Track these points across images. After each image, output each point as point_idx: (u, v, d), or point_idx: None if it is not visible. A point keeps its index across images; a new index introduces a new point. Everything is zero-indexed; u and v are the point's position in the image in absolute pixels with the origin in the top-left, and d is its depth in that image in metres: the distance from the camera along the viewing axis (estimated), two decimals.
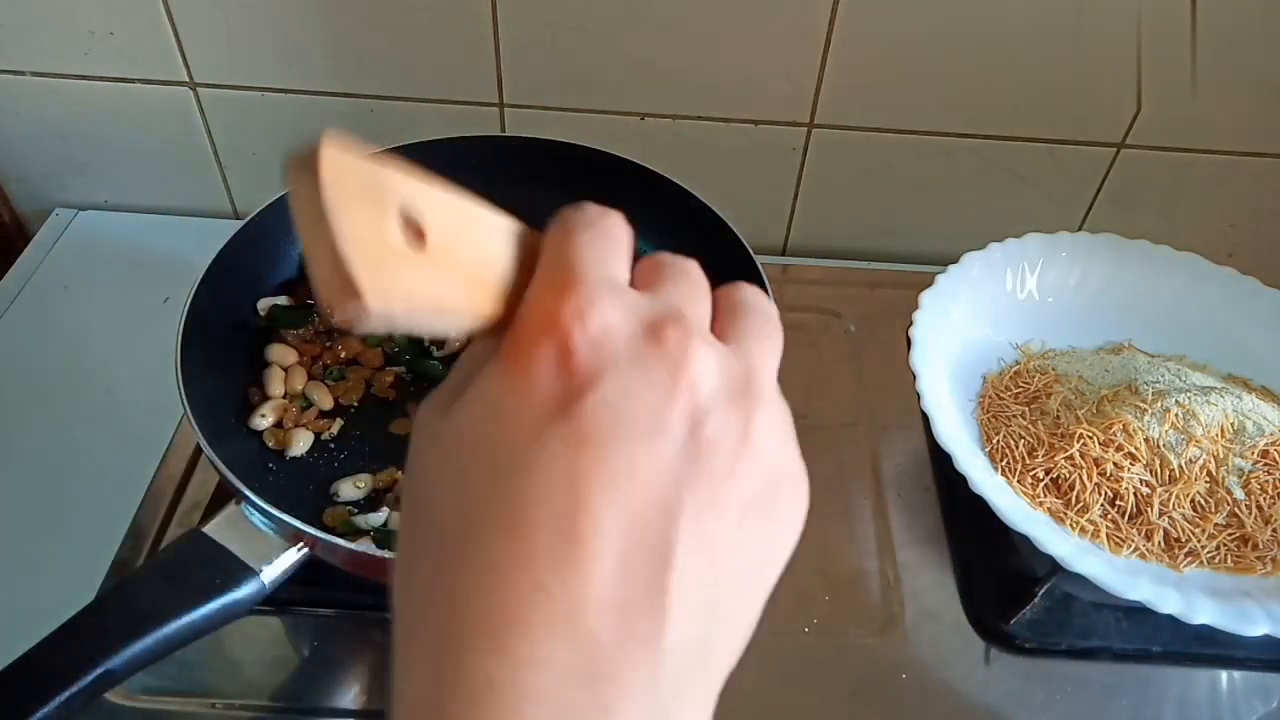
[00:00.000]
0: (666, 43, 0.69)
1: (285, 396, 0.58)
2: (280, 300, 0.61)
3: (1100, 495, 0.56)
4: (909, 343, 0.60)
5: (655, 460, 0.20)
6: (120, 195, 0.81)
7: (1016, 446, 0.59)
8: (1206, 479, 0.56)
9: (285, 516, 0.44)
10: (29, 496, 0.59)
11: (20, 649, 0.38)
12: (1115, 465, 0.56)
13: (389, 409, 0.59)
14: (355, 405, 0.59)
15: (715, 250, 0.60)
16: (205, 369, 0.51)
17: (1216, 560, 0.54)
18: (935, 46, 0.69)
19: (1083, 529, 0.55)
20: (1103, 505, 0.56)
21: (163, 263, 0.75)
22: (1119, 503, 0.55)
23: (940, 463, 0.62)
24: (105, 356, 0.68)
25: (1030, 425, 0.60)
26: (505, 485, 0.20)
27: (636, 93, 0.73)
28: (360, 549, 0.45)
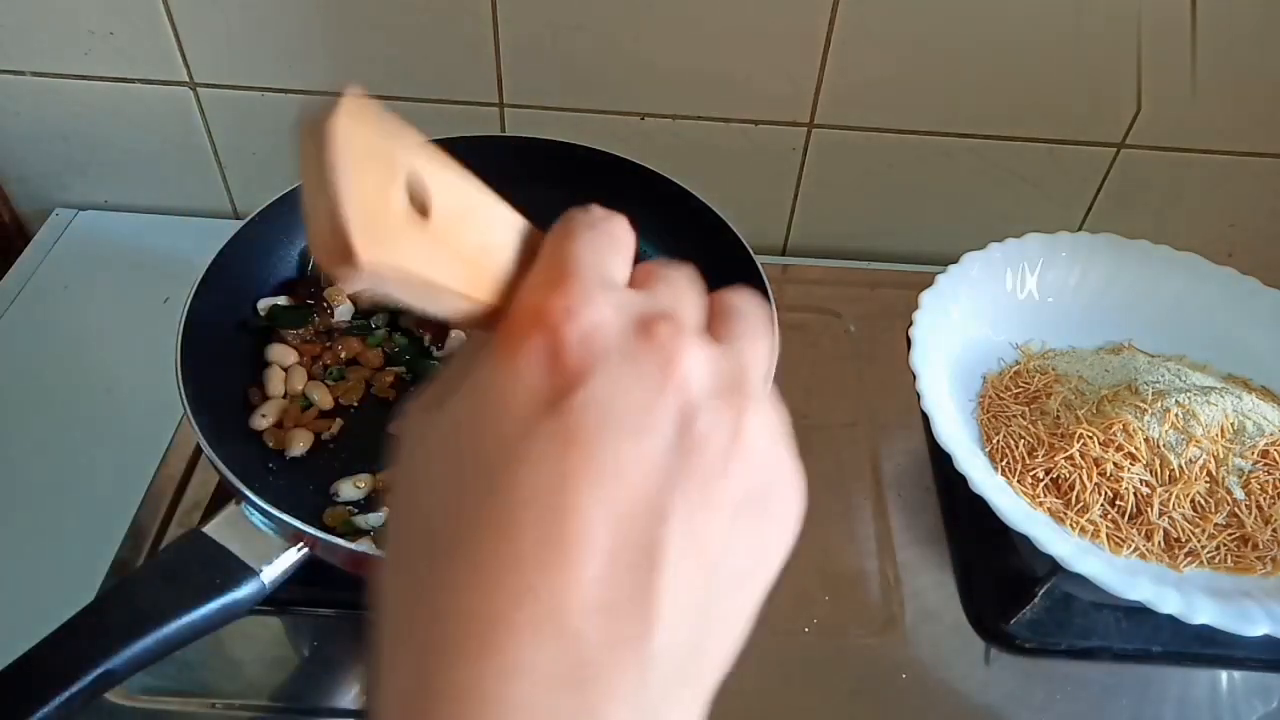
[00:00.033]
0: (666, 43, 0.69)
1: (285, 396, 0.58)
2: (280, 300, 0.61)
3: (1100, 495, 0.56)
4: (909, 343, 0.60)
5: (644, 458, 0.20)
6: (120, 195, 0.81)
7: (1016, 446, 0.59)
8: (1206, 479, 0.56)
9: (285, 516, 0.44)
10: (29, 497, 0.59)
11: (20, 649, 0.38)
12: (1115, 465, 0.56)
13: (389, 409, 0.59)
14: (355, 405, 0.59)
15: (715, 250, 0.60)
16: (205, 369, 0.51)
17: (1216, 560, 0.54)
18: (935, 46, 0.69)
19: (1083, 529, 0.55)
20: (1103, 505, 0.56)
21: (163, 263, 0.75)
22: (1119, 503, 0.55)
23: (940, 463, 0.62)
24: (105, 356, 0.68)
25: (1030, 425, 0.60)
26: (493, 483, 0.20)
27: (636, 93, 0.73)
28: (360, 549, 0.45)
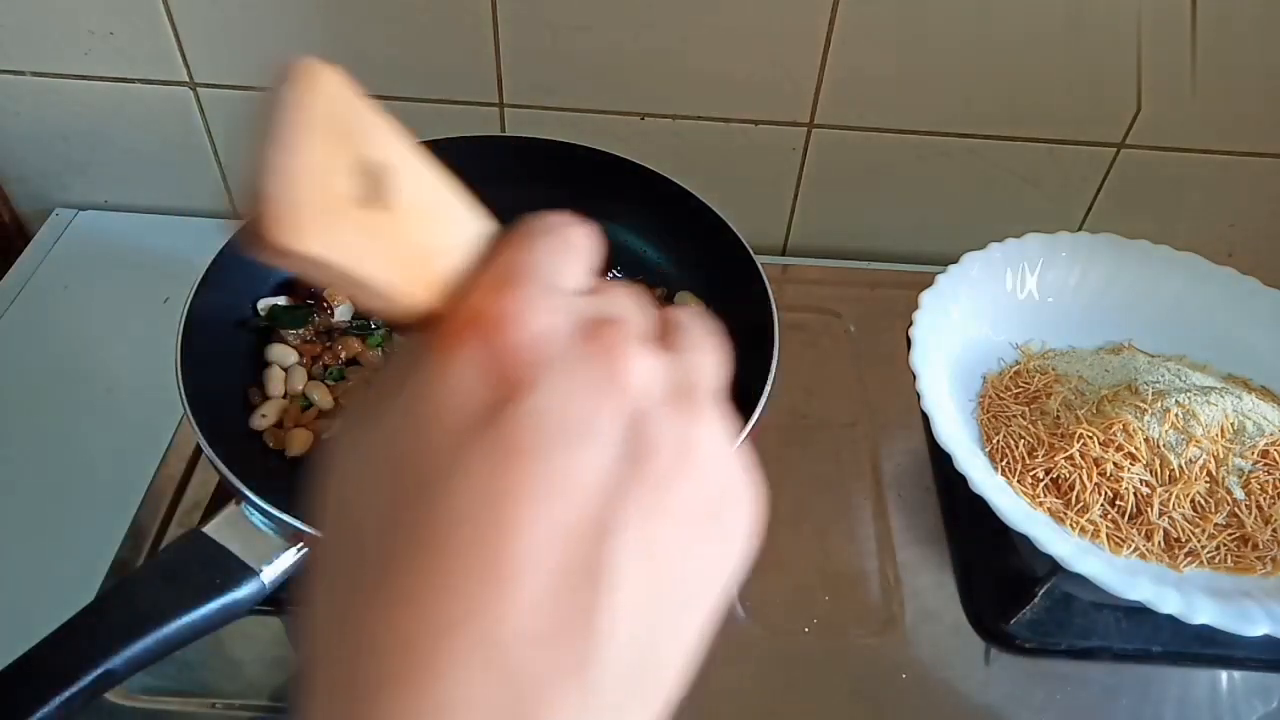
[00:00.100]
0: (666, 43, 0.69)
1: (285, 396, 0.58)
2: (280, 300, 0.61)
3: (1100, 495, 0.56)
4: (909, 343, 0.60)
5: (590, 468, 0.18)
6: (120, 195, 0.81)
7: (1016, 446, 0.59)
8: (1206, 479, 0.56)
9: (285, 516, 0.44)
10: (29, 497, 0.59)
11: (20, 649, 0.38)
12: (1115, 465, 0.56)
13: None
14: None
15: (715, 250, 0.60)
16: (205, 369, 0.51)
17: (1216, 560, 0.54)
18: (935, 46, 0.69)
19: (1083, 529, 0.55)
20: (1103, 505, 0.56)
21: (163, 263, 0.75)
22: (1119, 503, 0.55)
23: (940, 463, 0.62)
24: (105, 356, 0.68)
25: (1030, 425, 0.60)
26: (426, 500, 0.18)
27: (636, 93, 0.73)
28: None
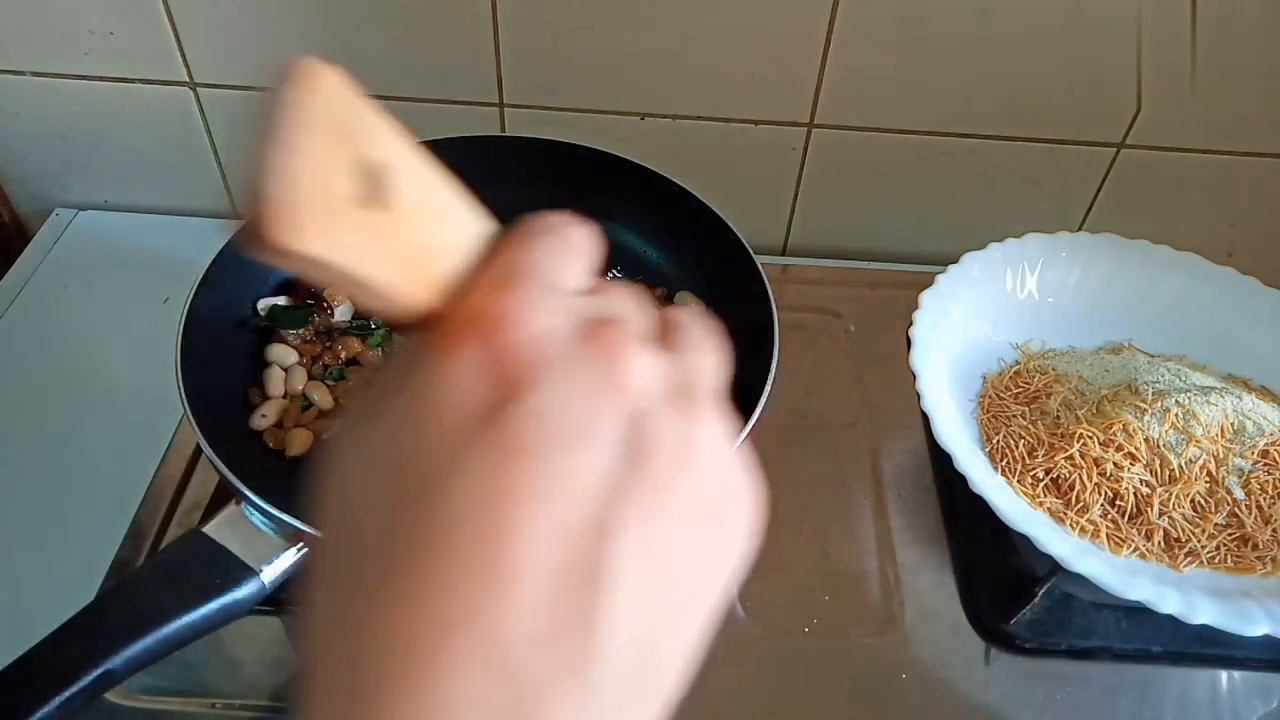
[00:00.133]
0: (666, 43, 0.69)
1: (285, 396, 0.58)
2: (280, 300, 0.61)
3: (1100, 495, 0.56)
4: (909, 343, 0.60)
5: (590, 468, 0.18)
6: (120, 195, 0.81)
7: (1016, 446, 0.59)
8: (1206, 479, 0.56)
9: (285, 516, 0.44)
10: (29, 497, 0.59)
11: (20, 649, 0.38)
12: (1115, 465, 0.56)
13: None
14: None
15: (715, 250, 0.60)
16: (205, 369, 0.51)
17: (1216, 560, 0.54)
18: (935, 46, 0.69)
19: (1083, 529, 0.55)
20: (1103, 505, 0.56)
21: (163, 263, 0.75)
22: (1119, 503, 0.55)
23: (940, 463, 0.62)
24: (105, 356, 0.68)
25: (1030, 425, 0.60)
26: (426, 500, 0.18)
27: (636, 93, 0.73)
28: None
